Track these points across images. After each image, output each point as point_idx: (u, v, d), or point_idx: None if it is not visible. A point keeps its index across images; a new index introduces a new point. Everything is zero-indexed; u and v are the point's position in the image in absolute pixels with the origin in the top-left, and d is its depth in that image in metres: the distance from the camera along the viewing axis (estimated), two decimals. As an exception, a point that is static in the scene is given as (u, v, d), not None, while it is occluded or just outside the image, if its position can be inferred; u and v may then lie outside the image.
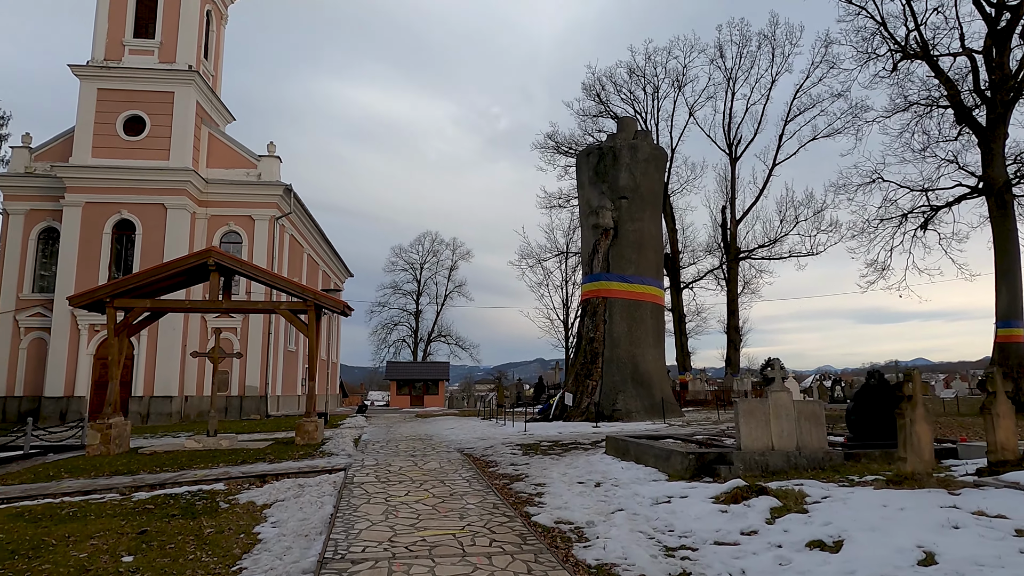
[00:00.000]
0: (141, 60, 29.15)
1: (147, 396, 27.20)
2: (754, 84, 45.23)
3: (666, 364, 20.84)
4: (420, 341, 67.80)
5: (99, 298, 13.97)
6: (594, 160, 20.53)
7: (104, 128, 28.33)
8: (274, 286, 14.70)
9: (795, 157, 45.53)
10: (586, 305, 20.10)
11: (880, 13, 29.53)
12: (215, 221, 29.83)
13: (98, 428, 13.67)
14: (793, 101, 43.56)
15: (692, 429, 14.85)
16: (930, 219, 28.72)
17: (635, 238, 19.90)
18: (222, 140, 30.67)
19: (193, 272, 14.92)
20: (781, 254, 46.12)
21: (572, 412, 18.53)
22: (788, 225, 44.91)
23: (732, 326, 45.34)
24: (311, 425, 14.38)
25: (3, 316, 28.21)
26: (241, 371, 29.19)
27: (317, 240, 39.32)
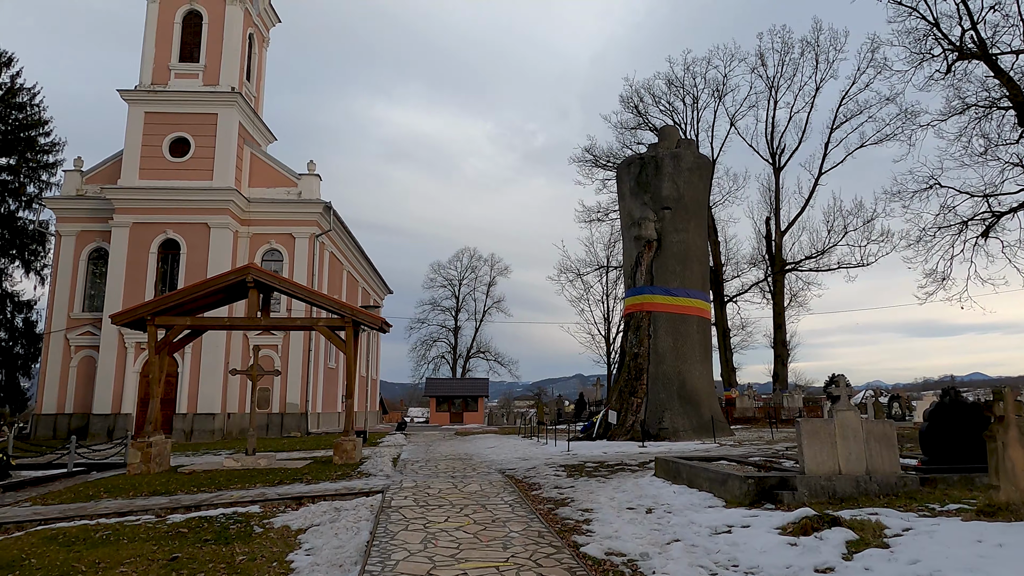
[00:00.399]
0: (186, 83, 29.82)
1: (191, 413, 27.45)
2: (798, 92, 44.08)
3: (714, 380, 20.03)
4: (459, 357, 67.67)
5: (140, 316, 13.99)
6: (635, 170, 20.00)
7: (151, 150, 28.98)
8: (311, 302, 14.54)
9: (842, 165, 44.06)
10: (629, 319, 19.48)
11: (933, 13, 28.41)
12: (257, 239, 30.17)
13: (139, 447, 13.62)
14: (839, 108, 42.26)
15: (745, 450, 14.08)
16: (992, 226, 27.21)
17: (679, 250, 19.24)
18: (263, 159, 31.11)
19: (232, 289, 14.86)
20: (829, 265, 44.58)
21: (616, 430, 17.88)
22: (836, 235, 43.38)
23: (779, 340, 43.89)
24: (349, 444, 14.09)
25: (55, 335, 28.93)
26: (282, 388, 29.28)
27: (356, 257, 39.53)
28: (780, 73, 43.99)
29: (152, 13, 30.33)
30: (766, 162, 45.77)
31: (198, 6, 30.56)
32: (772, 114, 44.71)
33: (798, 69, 43.91)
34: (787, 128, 44.82)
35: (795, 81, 45.02)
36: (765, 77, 44.04)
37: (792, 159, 45.67)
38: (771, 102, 44.59)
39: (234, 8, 30.67)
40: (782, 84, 44.37)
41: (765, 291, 46.76)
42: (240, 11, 30.91)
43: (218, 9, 30.61)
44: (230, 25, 30.53)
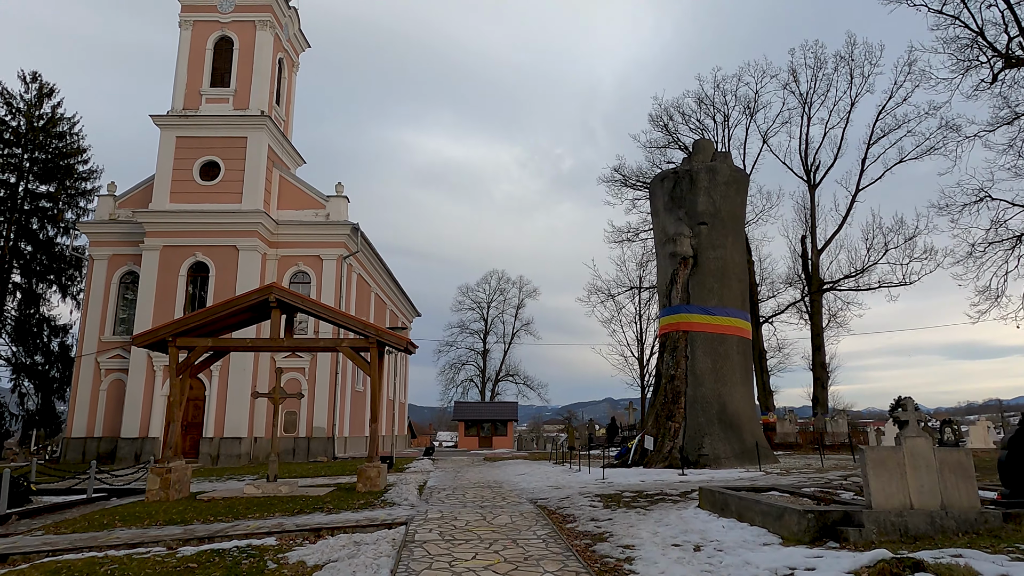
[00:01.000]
0: (217, 108, 30.10)
1: (217, 437, 27.17)
2: (832, 107, 43.03)
3: (755, 404, 19.01)
4: (488, 381, 66.95)
5: (162, 337, 13.66)
6: (669, 185, 19.30)
7: (181, 174, 29.20)
8: (335, 322, 14.08)
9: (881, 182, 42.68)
10: (665, 340, 18.63)
11: (976, 21, 27.44)
12: (284, 261, 30.08)
13: (157, 472, 13.20)
14: (876, 122, 41.14)
15: (795, 479, 13.10)
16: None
17: (717, 266, 18.41)
18: (292, 182, 31.15)
19: (256, 309, 14.49)
20: (869, 285, 43.05)
21: (653, 457, 16.96)
22: (876, 253, 41.94)
23: (818, 363, 42.37)
24: (373, 471, 13.47)
25: (86, 358, 29.05)
26: (308, 412, 28.90)
27: (384, 279, 39.31)
28: (813, 89, 43.06)
29: (185, 40, 30.82)
30: (800, 179, 44.67)
31: (229, 32, 30.97)
32: (806, 130, 43.71)
33: (832, 84, 42.92)
34: (822, 144, 43.55)
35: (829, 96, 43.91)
36: (798, 93, 43.14)
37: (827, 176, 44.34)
38: (804, 118, 43.62)
39: (264, 34, 31.01)
40: (816, 100, 43.40)
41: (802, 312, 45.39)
42: (270, 36, 31.23)
43: (249, 35, 30.98)
44: (260, 50, 30.84)
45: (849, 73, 41.66)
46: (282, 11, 32.32)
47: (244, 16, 31.04)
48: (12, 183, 38.37)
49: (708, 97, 45.60)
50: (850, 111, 42.38)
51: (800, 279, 45.09)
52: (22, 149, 38.78)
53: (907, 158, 40.75)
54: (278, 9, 31.83)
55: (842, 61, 41.66)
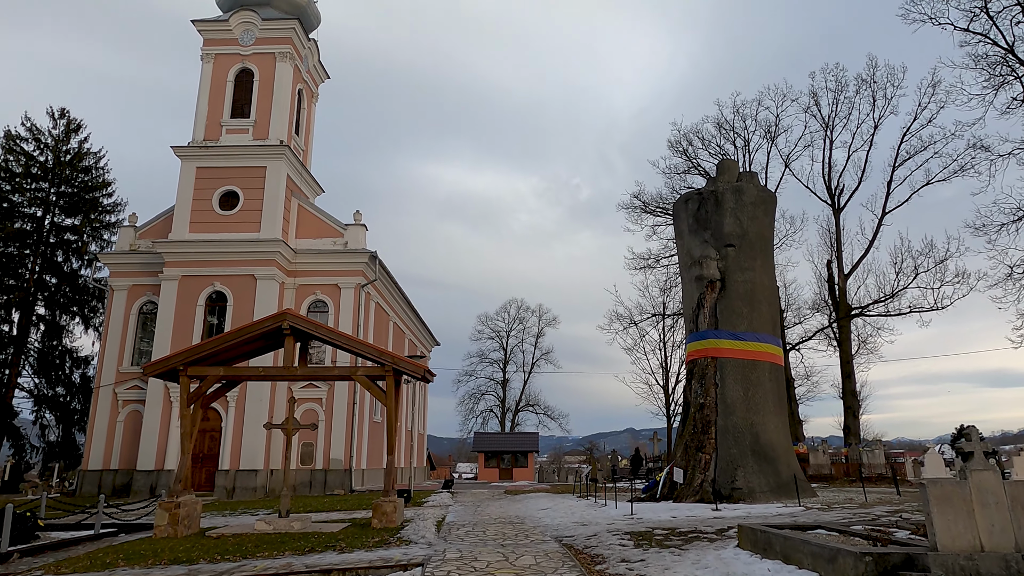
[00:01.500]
0: (236, 138, 30.29)
1: (233, 470, 26.68)
2: (855, 130, 42.42)
3: (790, 434, 18.10)
4: (508, 411, 66.01)
5: (172, 366, 13.28)
6: (694, 206, 18.74)
7: (201, 204, 29.27)
8: (349, 350, 13.60)
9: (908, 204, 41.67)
10: (692, 367, 17.87)
11: (1006, 39, 26.85)
12: (302, 290, 29.86)
13: (166, 507, 12.68)
14: (901, 145, 40.41)
15: (838, 515, 12.22)
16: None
17: (746, 289, 17.71)
18: (310, 211, 31.09)
19: (269, 337, 14.08)
20: (900, 310, 41.82)
21: (682, 490, 16.10)
22: (906, 277, 40.79)
23: (848, 391, 41.05)
24: (389, 506, 12.84)
25: (103, 389, 28.87)
26: (325, 444, 28.34)
27: (403, 308, 38.96)
28: (835, 112, 42.52)
29: (206, 73, 31.20)
30: (824, 203, 43.90)
31: (250, 64, 31.32)
32: (828, 154, 43.05)
33: (854, 107, 42.28)
34: (845, 168, 42.81)
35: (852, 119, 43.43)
36: (819, 117, 42.60)
37: (852, 199, 43.57)
38: (827, 141, 42.99)
39: (284, 65, 31.30)
40: (838, 123, 42.82)
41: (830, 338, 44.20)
42: (290, 68, 31.51)
43: (269, 67, 31.29)
44: (280, 82, 31.10)
45: (872, 96, 41.10)
46: (301, 43, 32.67)
47: (264, 48, 31.40)
48: (39, 217, 38.89)
49: (728, 122, 45.25)
50: (873, 133, 41.71)
51: (827, 305, 44.03)
52: (48, 183, 39.38)
53: (934, 180, 39.90)
54: (298, 42, 32.18)
55: (864, 84, 41.14)
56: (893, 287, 41.62)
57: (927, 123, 39.07)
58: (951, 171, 38.59)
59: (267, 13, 31.85)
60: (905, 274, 40.66)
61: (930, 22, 28.86)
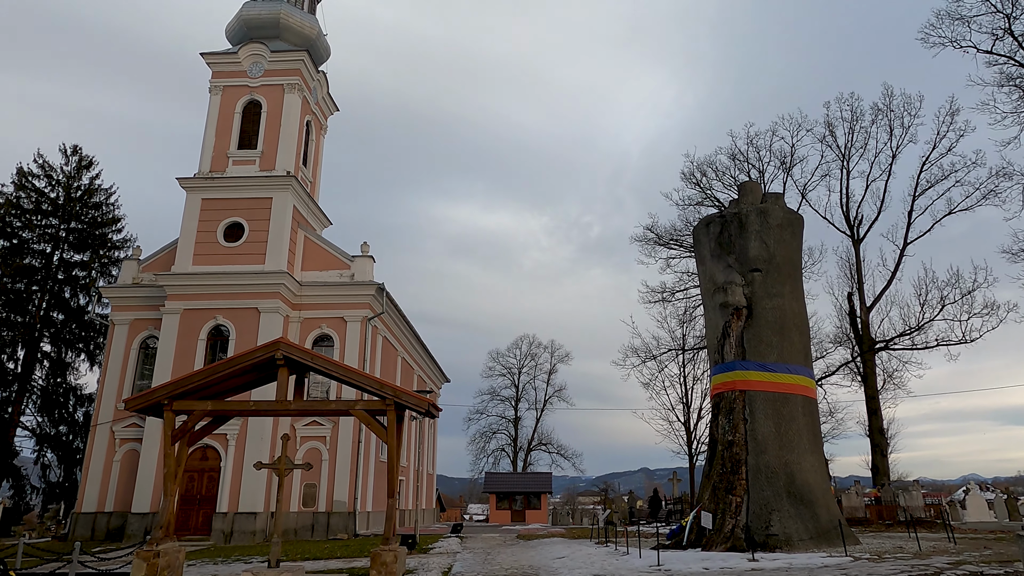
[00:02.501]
0: (243, 169, 29.83)
1: (231, 512, 25.39)
2: (873, 160, 41.39)
3: (828, 474, 16.69)
4: (520, 450, 64.17)
5: (156, 400, 12.27)
6: (716, 230, 17.71)
7: (206, 236, 28.66)
8: (348, 381, 12.54)
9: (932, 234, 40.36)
10: (719, 401, 16.60)
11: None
12: (307, 324, 28.95)
13: (144, 557, 11.52)
14: (920, 174, 39.40)
15: (893, 567, 10.84)
16: None
17: (775, 317, 16.53)
18: (317, 242, 30.39)
19: (262, 369, 13.07)
20: (927, 343, 40.17)
21: (712, 537, 14.69)
22: (931, 309, 39.26)
23: (875, 428, 39.21)
24: (389, 556, 11.59)
25: (101, 427, 27.87)
26: (329, 485, 27.04)
27: (412, 343, 37.92)
28: (851, 142, 41.62)
29: (214, 105, 30.94)
30: (843, 234, 42.70)
31: (258, 96, 31.04)
32: (846, 184, 42.04)
33: (871, 136, 41.42)
34: (864, 198, 41.68)
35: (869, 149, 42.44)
36: (835, 147, 41.71)
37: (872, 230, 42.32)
38: (844, 172, 42.02)
39: (292, 97, 31.00)
40: (854, 153, 41.92)
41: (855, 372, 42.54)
42: (298, 100, 31.21)
43: (277, 98, 30.99)
44: (288, 113, 30.75)
45: (888, 124, 40.22)
46: (311, 75, 32.46)
47: (273, 80, 31.16)
48: (47, 252, 38.52)
49: (742, 153, 44.41)
50: (892, 163, 40.69)
51: (849, 338, 42.53)
52: (59, 219, 39.10)
53: (957, 209, 38.75)
54: (307, 73, 31.96)
55: (880, 113, 40.34)
56: (919, 319, 40.08)
57: (947, 151, 38.10)
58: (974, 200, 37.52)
59: (276, 45, 31.70)
60: (931, 306, 39.15)
61: (951, 46, 28.18)
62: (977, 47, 27.49)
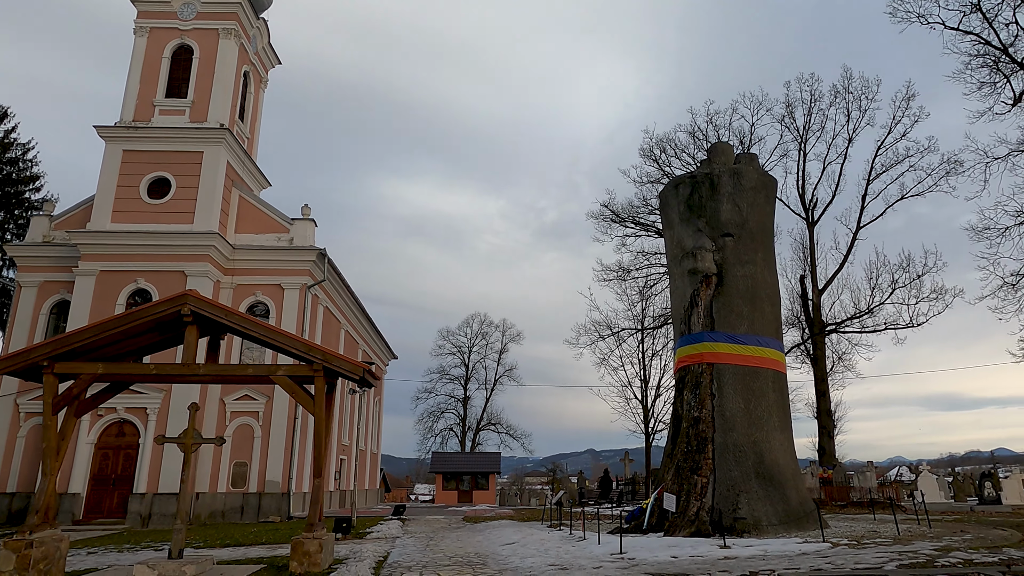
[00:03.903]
0: (171, 120, 27.14)
1: (150, 494, 23.18)
2: (830, 142, 41.19)
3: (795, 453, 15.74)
4: (468, 430, 62.84)
5: (33, 361, 10.23)
6: (685, 192, 16.42)
7: (127, 191, 26.00)
8: (270, 342, 10.74)
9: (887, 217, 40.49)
10: (684, 375, 15.42)
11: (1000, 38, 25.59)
12: (241, 291, 26.68)
13: (14, 547, 9.58)
14: (875, 159, 39.33)
15: (880, 554, 9.81)
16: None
17: (746, 286, 15.40)
18: (253, 203, 28.01)
19: (168, 327, 11.13)
20: (876, 326, 40.49)
21: (675, 520, 13.55)
22: (882, 293, 39.50)
23: (823, 410, 39.31)
24: (313, 544, 9.95)
25: (4, 400, 25.09)
26: (261, 463, 25.07)
27: (356, 315, 35.87)
28: (809, 123, 41.29)
29: (139, 48, 28.03)
30: (798, 216, 42.41)
31: (189, 40, 28.26)
32: (803, 166, 41.65)
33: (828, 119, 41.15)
34: (820, 180, 41.45)
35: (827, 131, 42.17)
36: (793, 128, 41.33)
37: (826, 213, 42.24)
38: (801, 153, 41.63)
39: (228, 43, 28.34)
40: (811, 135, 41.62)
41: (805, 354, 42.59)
42: (235, 46, 28.56)
43: (211, 44, 28.28)
44: (223, 61, 28.11)
45: (847, 108, 39.96)
46: (249, 21, 29.78)
47: (206, 24, 28.41)
48: (-47, 209, 34.85)
49: (701, 130, 43.63)
50: (848, 147, 40.49)
51: (800, 321, 42.49)
52: (-35, 173, 35.39)
53: (909, 194, 38.89)
54: (245, 19, 29.29)
55: (838, 96, 40.01)
56: (869, 303, 40.31)
57: (901, 137, 38.06)
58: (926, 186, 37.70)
59: (211, -15, 28.91)
60: (881, 289, 39.39)
61: (919, 21, 27.53)
62: (944, 23, 26.90)
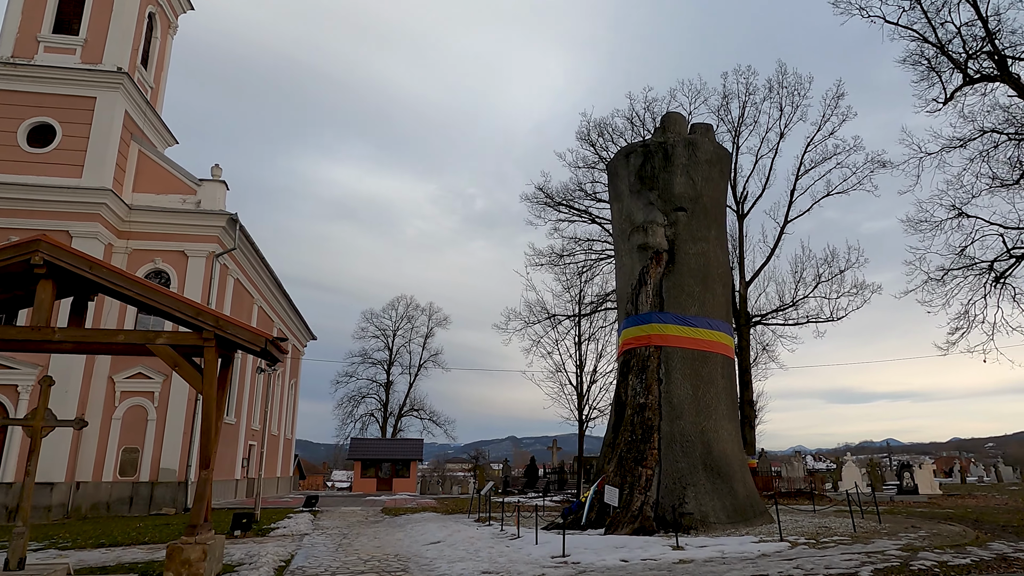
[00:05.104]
0: (58, 59, 23.82)
1: (19, 483, 20.23)
2: (763, 136, 41.49)
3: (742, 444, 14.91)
4: (390, 415, 60.59)
5: None
6: (637, 162, 15.22)
7: (2, 137, 22.62)
8: (148, 303, 8.73)
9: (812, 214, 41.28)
10: (629, 358, 14.28)
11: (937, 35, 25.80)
12: (138, 256, 23.82)
13: None
14: (804, 155, 39.89)
15: (847, 554, 8.90)
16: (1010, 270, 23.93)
17: (699, 264, 14.39)
18: (155, 160, 25.05)
19: (18, 282, 8.93)
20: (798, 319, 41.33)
21: (618, 516, 12.41)
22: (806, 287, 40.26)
23: (746, 400, 39.69)
24: (195, 551, 8.10)
25: None
26: (155, 449, 22.50)
27: (272, 291, 33.23)
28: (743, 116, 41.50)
29: (23, -26, 24.43)
30: (729, 208, 42.67)
31: (83, -31, 24.87)
32: (735, 158, 41.95)
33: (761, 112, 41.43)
34: (752, 173, 41.74)
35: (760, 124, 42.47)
36: (729, 120, 41.41)
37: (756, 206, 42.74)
38: (734, 146, 41.82)
39: (130, -23, 25.12)
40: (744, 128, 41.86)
41: (731, 345, 43.03)
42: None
43: (109, -24, 24.99)
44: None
45: (780, 103, 40.30)
46: (157, -45, 26.58)
47: (105, -47, 25.06)
48: None
49: (639, 116, 43.13)
50: (779, 141, 40.90)
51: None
52: None
53: (834, 191, 39.67)
54: (151, -49, 26.10)
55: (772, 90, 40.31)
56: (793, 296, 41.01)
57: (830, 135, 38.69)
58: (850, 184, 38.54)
59: (111, -90, 25.50)
60: (805, 283, 40.11)
61: (859, 14, 27.51)
62: (885, 18, 26.92)
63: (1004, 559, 8.74)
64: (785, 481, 25.17)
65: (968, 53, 25.34)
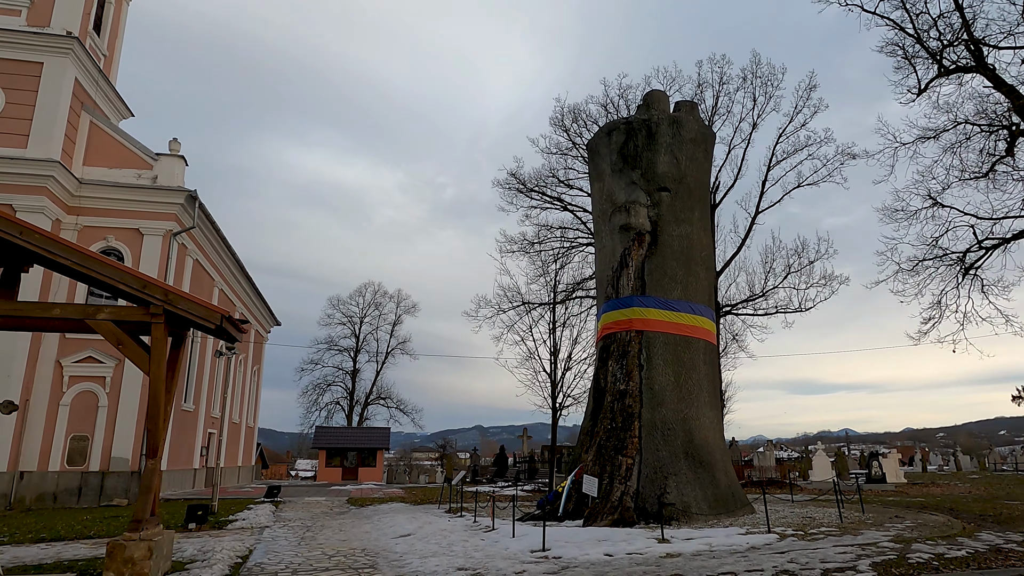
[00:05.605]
0: (2, 20, 22.24)
1: (-45, 473, 18.98)
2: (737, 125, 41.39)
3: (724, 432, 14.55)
4: (356, 404, 59.46)
5: None
6: (619, 139, 14.65)
7: (-61, 103, 21.06)
8: (88, 274, 7.84)
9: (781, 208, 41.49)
10: (609, 343, 13.76)
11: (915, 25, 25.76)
12: (88, 234, 22.49)
13: None
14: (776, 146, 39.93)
15: (839, 546, 8.51)
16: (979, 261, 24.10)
17: (682, 246, 13.92)
18: (109, 132, 23.67)
19: (-62, 249, 7.95)
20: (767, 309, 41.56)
21: (597, 507, 11.91)
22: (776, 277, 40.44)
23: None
24: (139, 549, 7.31)
25: None
26: (107, 437, 21.33)
27: (233, 274, 31.97)
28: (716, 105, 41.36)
29: (-37, -72, 22.72)
30: (702, 198, 42.66)
31: (30, -74, 23.24)
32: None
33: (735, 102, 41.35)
34: (724, 164, 41.65)
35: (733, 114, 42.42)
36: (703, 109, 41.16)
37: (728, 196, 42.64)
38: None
39: (82, -65, 23.57)
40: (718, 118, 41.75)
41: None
42: (90, -60, 23.84)
43: (59, -66, 23.41)
44: (74, -45, 23.35)
45: (753, 93, 40.25)
46: (111, -86, 25.03)
47: (53, -93, 23.47)
48: None
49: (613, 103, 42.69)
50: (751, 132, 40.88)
51: (697, 302, 42.86)
52: None
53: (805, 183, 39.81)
54: (105, -90, 24.55)
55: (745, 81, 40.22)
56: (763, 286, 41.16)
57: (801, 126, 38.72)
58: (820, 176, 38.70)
59: None
60: (775, 274, 40.27)
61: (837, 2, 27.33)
62: (863, 6, 26.77)
63: (999, 551, 8.46)
64: (757, 470, 25.06)
65: (943, 43, 25.35)
